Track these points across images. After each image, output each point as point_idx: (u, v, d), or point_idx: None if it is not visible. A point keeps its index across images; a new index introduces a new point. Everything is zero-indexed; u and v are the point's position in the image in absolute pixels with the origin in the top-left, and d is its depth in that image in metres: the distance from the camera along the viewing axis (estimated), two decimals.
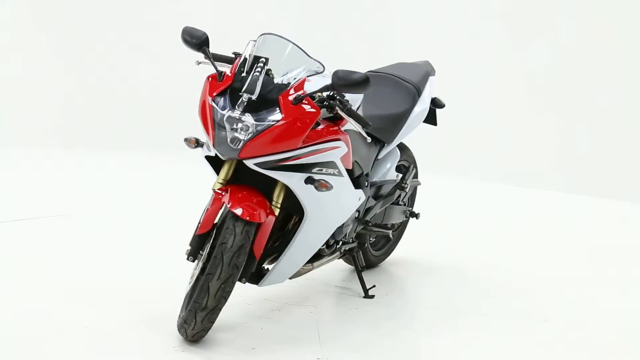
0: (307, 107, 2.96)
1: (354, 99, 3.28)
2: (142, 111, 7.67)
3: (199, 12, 7.76)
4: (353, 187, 3.35)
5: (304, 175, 3.03)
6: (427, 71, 4.05)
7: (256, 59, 3.03)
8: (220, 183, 3.09)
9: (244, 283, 3.12)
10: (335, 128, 3.14)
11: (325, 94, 3.02)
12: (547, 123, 6.68)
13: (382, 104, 3.76)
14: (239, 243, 2.94)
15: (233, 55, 3.25)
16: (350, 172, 3.44)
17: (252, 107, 2.94)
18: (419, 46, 7.13)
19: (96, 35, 7.84)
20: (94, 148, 7.39)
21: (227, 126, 2.94)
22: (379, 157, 3.76)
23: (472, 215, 5.56)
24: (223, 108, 2.97)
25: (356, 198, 3.41)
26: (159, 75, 7.70)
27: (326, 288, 3.86)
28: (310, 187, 3.04)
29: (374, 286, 3.76)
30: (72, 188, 5.95)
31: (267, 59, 3.02)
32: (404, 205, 4.11)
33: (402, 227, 4.29)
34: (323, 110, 3.08)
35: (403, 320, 3.46)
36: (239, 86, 2.99)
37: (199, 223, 3.10)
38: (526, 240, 4.93)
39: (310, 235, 3.22)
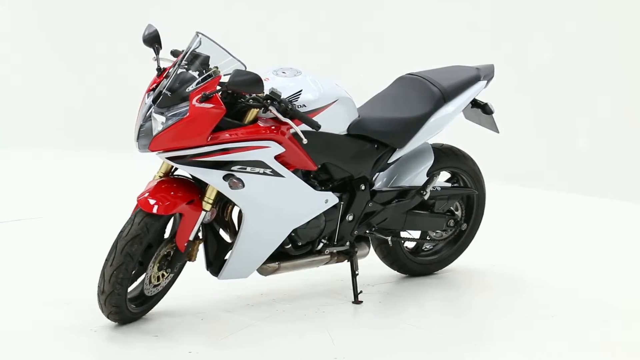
0: (213, 105, 3.07)
1: (316, 98, 3.31)
2: None
3: (200, 13, 7.75)
4: (309, 189, 3.38)
5: (222, 173, 3.13)
6: (475, 76, 3.89)
7: (186, 55, 3.20)
8: (160, 176, 3.27)
9: (174, 273, 3.33)
10: (270, 127, 3.20)
11: (264, 93, 3.13)
12: (547, 122, 6.68)
13: (397, 107, 3.70)
14: (134, 233, 3.09)
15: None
16: (328, 175, 3.49)
17: (170, 103, 3.11)
18: (418, 47, 7.12)
19: (96, 35, 7.83)
20: (94, 148, 7.38)
21: (145, 121, 3.12)
22: (390, 161, 3.69)
23: None
24: (149, 104, 3.16)
25: (319, 200, 3.43)
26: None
27: (328, 290, 3.83)
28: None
29: (361, 292, 3.69)
30: (71, 188, 5.95)
31: (193, 55, 3.18)
32: (448, 214, 3.96)
33: (460, 237, 4.08)
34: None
35: (335, 330, 3.37)
36: (165, 83, 3.16)
37: None
38: (526, 241, 4.91)
39: (254, 233, 3.30)
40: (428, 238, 4.02)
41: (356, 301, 3.65)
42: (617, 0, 6.43)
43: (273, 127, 3.21)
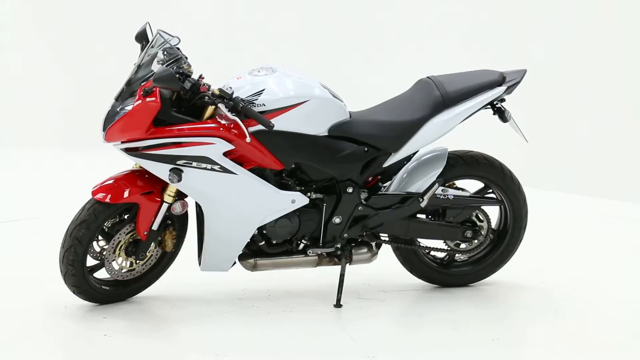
0: (150, 100, 3.19)
1: (280, 98, 3.31)
2: None
3: (200, 13, 7.76)
4: (268, 188, 3.36)
5: (169, 166, 3.24)
6: (493, 81, 3.71)
7: (145, 52, 3.32)
8: (137, 167, 3.41)
9: (143, 261, 3.42)
10: (222, 125, 3.24)
11: (213, 91, 3.22)
12: (548, 122, 6.68)
13: (396, 111, 3.63)
14: (83, 218, 3.28)
15: None
16: (306, 175, 3.48)
17: (125, 97, 3.27)
18: (418, 47, 7.13)
19: (96, 35, 7.84)
20: (94, 148, 7.37)
21: (109, 114, 3.29)
22: (385, 165, 3.60)
23: None
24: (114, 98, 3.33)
25: (283, 200, 3.40)
26: None
27: (329, 291, 3.77)
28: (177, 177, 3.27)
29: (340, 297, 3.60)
30: (71, 188, 5.95)
31: (168, 52, 3.31)
32: (468, 225, 3.78)
33: (494, 251, 3.90)
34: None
35: (272, 329, 3.32)
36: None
37: None
38: (526, 241, 4.90)
39: (215, 228, 3.37)
40: (448, 248, 3.84)
41: (337, 304, 3.58)
42: (617, 0, 6.45)
43: (224, 125, 3.25)
